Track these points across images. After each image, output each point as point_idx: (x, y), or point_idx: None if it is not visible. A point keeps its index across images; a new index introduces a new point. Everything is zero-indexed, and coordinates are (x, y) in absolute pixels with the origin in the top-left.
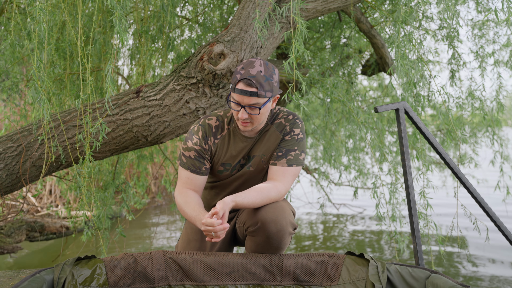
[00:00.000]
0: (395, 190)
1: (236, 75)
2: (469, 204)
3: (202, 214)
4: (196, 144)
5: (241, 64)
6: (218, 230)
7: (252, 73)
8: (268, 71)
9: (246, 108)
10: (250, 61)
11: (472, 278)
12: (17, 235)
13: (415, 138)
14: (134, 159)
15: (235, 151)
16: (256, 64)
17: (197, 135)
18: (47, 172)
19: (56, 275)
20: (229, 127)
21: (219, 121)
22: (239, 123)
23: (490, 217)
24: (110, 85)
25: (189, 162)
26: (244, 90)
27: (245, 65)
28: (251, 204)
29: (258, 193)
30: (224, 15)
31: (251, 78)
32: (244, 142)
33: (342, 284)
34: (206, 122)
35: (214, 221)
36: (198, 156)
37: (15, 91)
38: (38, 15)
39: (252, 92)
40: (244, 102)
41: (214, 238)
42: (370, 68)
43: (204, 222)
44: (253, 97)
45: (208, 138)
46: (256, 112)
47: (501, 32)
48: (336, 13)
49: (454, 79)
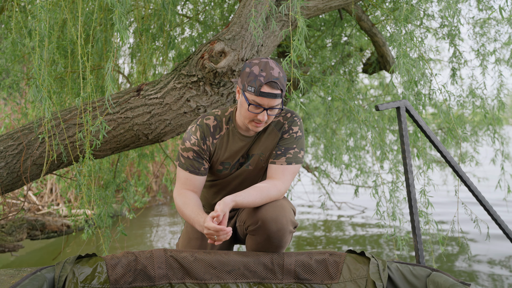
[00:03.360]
0: (396, 188)
1: (258, 78)
2: (470, 203)
3: (201, 216)
4: (194, 145)
5: (255, 66)
6: (221, 234)
7: (275, 75)
8: (282, 70)
9: (268, 110)
10: (265, 62)
11: (472, 276)
12: (18, 233)
13: (416, 137)
14: (135, 158)
15: (234, 150)
16: (272, 65)
17: (195, 135)
18: (47, 171)
19: (57, 273)
20: (227, 127)
21: (217, 121)
22: (251, 124)
23: (491, 215)
24: (111, 83)
25: (188, 163)
26: (271, 93)
27: (262, 67)
28: (251, 203)
29: (258, 192)
30: (225, 13)
31: (275, 81)
32: (243, 141)
33: (343, 282)
34: (204, 122)
35: (217, 227)
36: (196, 157)
37: (16, 90)
38: (39, 13)
39: (277, 94)
40: (268, 104)
41: (217, 242)
42: (371, 66)
43: (207, 226)
44: (277, 99)
45: (207, 138)
46: (274, 112)
47: (502, 30)
48: (337, 11)
49: (455, 78)
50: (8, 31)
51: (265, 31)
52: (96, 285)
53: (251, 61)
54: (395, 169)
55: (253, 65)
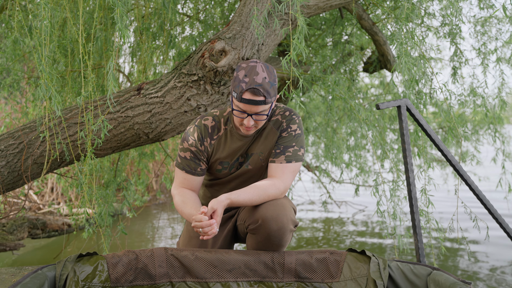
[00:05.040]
0: (397, 187)
1: (240, 84)
2: (470, 202)
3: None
4: (192, 145)
5: (242, 70)
6: (205, 226)
7: (258, 81)
8: (271, 75)
9: (253, 116)
10: (251, 66)
11: (473, 275)
12: (19, 232)
13: (416, 136)
14: (135, 157)
15: (233, 149)
16: (258, 69)
17: (193, 136)
18: (48, 170)
19: (58, 272)
20: (226, 127)
21: (215, 121)
22: (242, 128)
23: (492, 214)
24: (112, 82)
25: (185, 163)
26: (252, 100)
27: (247, 71)
28: (248, 201)
29: (255, 190)
30: (225, 12)
31: (258, 87)
32: (242, 141)
33: (343, 281)
34: (202, 123)
35: (202, 217)
36: (193, 157)
37: (16, 89)
38: (44, 10)
39: (259, 101)
40: (251, 110)
41: (205, 236)
42: (371, 65)
43: (194, 217)
44: (261, 105)
45: (204, 139)
46: (262, 118)
47: (503, 29)
48: (337, 10)
49: (456, 76)
50: (9, 30)
51: (266, 29)
52: (97, 284)
53: (241, 65)
54: (396, 168)
55: (240, 69)
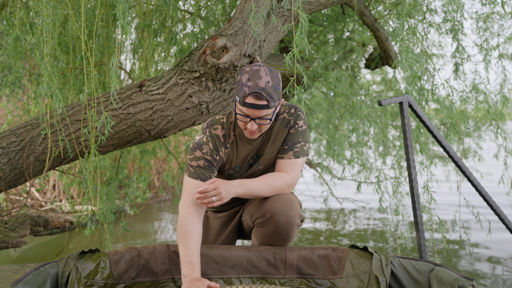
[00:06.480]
0: (399, 184)
1: (243, 88)
2: (472, 198)
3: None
4: (207, 154)
5: (245, 74)
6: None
7: (261, 85)
8: (274, 79)
9: (256, 120)
10: (255, 70)
11: (475, 271)
12: (21, 229)
13: (418, 132)
14: (137, 154)
15: (244, 154)
16: (262, 73)
17: (207, 145)
18: (50, 167)
19: (61, 269)
20: (234, 133)
21: (224, 129)
22: (246, 132)
23: (494, 210)
24: (115, 79)
25: (199, 171)
26: (255, 104)
27: (250, 75)
28: (256, 188)
29: (264, 179)
30: (227, 9)
31: (260, 91)
32: (252, 144)
33: (345, 277)
34: (213, 133)
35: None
36: (208, 166)
37: (18, 86)
38: (46, 8)
39: (262, 105)
40: (254, 115)
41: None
42: (373, 61)
43: (198, 190)
44: (264, 109)
45: (219, 149)
46: (266, 122)
47: (506, 25)
48: (339, 6)
49: (458, 73)
50: (10, 27)
51: (267, 26)
52: (99, 281)
53: (245, 68)
54: (398, 165)
55: (244, 73)
